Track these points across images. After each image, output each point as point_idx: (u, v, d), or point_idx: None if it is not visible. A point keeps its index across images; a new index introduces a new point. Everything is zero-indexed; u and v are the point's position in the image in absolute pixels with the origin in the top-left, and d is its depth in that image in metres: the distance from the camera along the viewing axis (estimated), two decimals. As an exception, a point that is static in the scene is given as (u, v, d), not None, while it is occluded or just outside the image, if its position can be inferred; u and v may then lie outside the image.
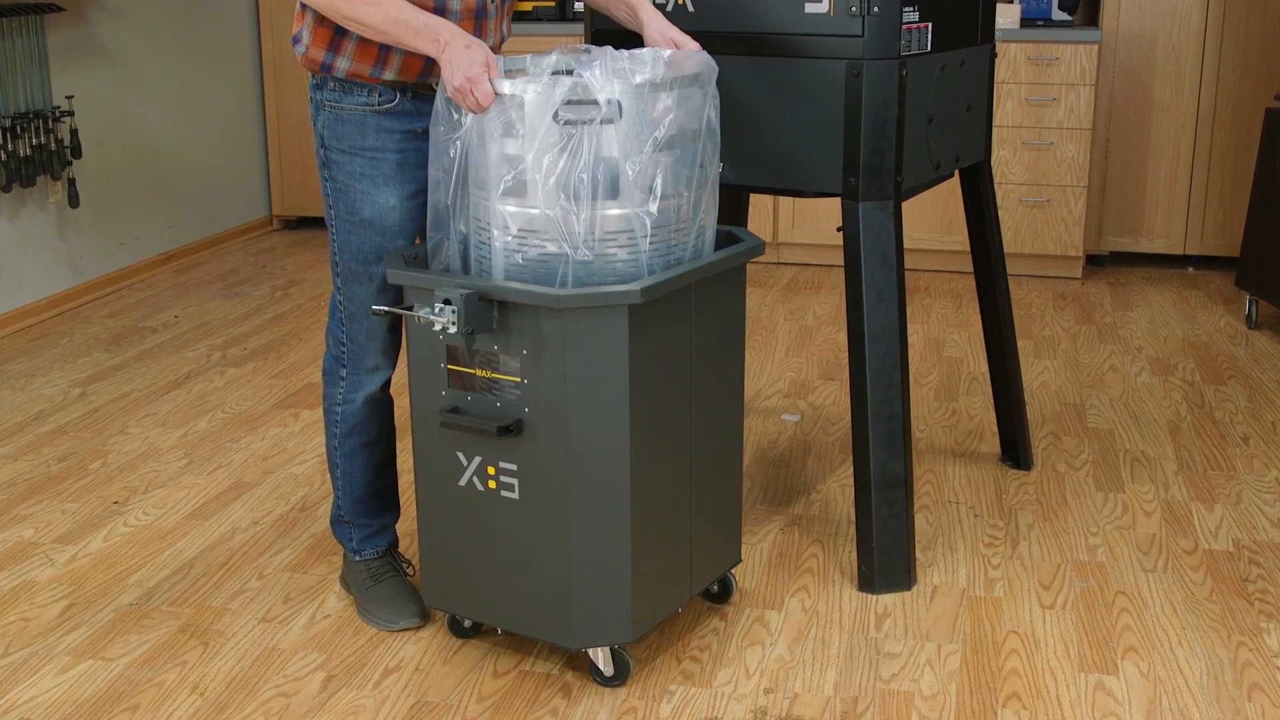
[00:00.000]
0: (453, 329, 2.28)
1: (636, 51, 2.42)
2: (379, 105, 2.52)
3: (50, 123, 4.84)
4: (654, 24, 2.60)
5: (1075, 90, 5.24)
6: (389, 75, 2.50)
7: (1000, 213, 5.11)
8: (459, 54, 2.30)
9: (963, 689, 2.51)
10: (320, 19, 2.49)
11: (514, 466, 2.39)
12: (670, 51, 2.47)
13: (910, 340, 4.59)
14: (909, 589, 2.87)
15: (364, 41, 2.48)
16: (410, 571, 2.85)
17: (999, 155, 5.35)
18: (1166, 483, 3.43)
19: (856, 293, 2.78)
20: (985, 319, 3.42)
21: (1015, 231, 5.41)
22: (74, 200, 4.97)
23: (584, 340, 2.29)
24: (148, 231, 5.57)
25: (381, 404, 2.72)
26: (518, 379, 2.33)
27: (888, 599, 2.83)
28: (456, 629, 2.67)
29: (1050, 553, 3.05)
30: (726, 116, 2.84)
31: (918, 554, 3.02)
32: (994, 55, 3.23)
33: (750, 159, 2.85)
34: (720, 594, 2.80)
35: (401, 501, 2.93)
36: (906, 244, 5.21)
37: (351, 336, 2.64)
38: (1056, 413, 3.93)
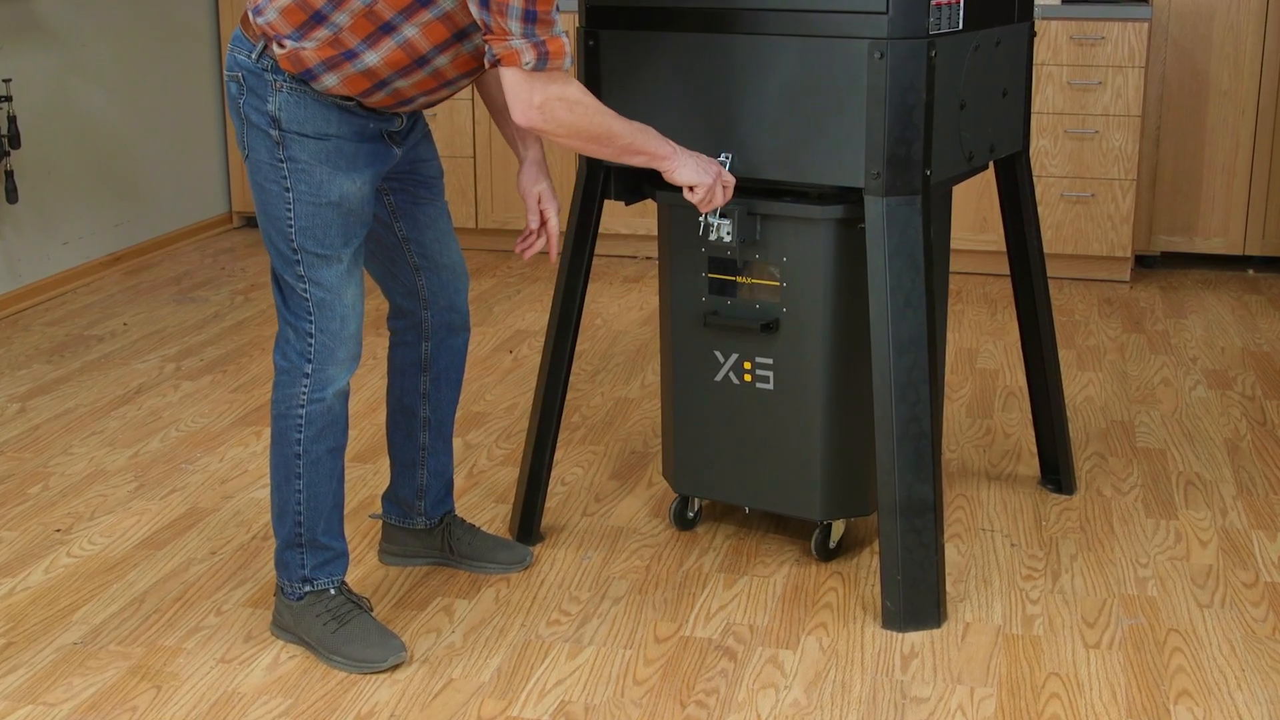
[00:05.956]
0: (728, 238, 2.93)
1: None
2: (340, 100, 2.61)
3: (-14, 109, 4.86)
4: (530, 168, 2.93)
5: (1123, 73, 5.26)
6: (365, 102, 2.62)
7: (1040, 209, 5.11)
8: (695, 168, 2.79)
9: (998, 737, 2.52)
10: (334, 41, 2.53)
11: (770, 361, 3.02)
12: None
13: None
14: (938, 626, 2.88)
15: (359, 75, 2.56)
16: (370, 607, 2.83)
17: (1038, 145, 5.36)
18: (1224, 508, 3.44)
19: (880, 298, 2.79)
20: (1023, 326, 3.43)
21: (1056, 230, 5.43)
22: (12, 195, 4.99)
23: (838, 249, 2.91)
24: (94, 230, 5.59)
25: (347, 400, 2.77)
26: (777, 283, 2.97)
27: (915, 637, 2.84)
28: (680, 520, 3.29)
29: (1095, 586, 3.05)
30: (732, 103, 2.85)
31: (948, 587, 3.02)
32: (1033, 34, 3.24)
33: (759, 150, 2.86)
34: None
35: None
36: (936, 243, 5.22)
37: (322, 326, 2.67)
38: (1102, 431, 3.94)
